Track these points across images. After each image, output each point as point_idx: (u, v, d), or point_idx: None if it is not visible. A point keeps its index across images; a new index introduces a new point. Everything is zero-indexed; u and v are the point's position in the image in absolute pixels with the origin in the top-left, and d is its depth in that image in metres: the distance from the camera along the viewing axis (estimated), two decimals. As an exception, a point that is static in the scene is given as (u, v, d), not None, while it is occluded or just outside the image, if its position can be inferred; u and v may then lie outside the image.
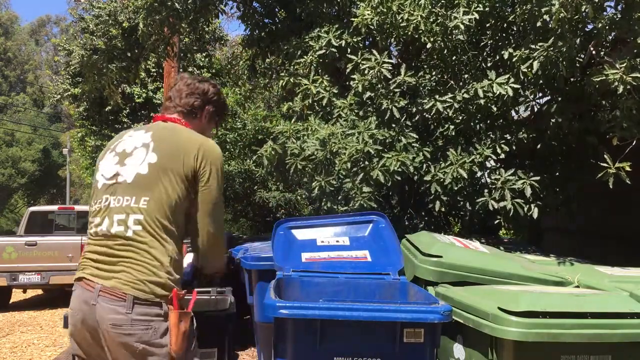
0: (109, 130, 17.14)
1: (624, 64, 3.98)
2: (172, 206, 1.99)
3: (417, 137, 4.98)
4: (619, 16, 4.27)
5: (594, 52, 4.52)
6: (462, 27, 4.69)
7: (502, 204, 4.65)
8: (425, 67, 5.51)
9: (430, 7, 4.80)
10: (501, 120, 5.19)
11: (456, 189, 4.82)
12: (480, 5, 4.83)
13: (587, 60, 4.64)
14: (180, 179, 2.02)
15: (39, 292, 10.42)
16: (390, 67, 4.95)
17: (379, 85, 5.02)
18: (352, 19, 5.29)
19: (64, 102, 18.74)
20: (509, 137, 5.05)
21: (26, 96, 48.19)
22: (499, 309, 2.62)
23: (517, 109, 5.45)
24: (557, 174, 5.21)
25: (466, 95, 4.82)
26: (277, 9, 6.91)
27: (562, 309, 2.63)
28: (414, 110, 5.15)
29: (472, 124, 5.06)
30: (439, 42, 4.92)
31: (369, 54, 5.09)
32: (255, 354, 5.07)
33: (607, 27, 4.21)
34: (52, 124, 45.86)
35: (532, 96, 5.23)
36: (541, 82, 4.85)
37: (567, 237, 7.57)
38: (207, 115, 2.29)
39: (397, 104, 4.94)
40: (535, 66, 4.43)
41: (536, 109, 5.41)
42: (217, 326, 3.52)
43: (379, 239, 3.70)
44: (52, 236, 9.27)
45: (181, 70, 12.84)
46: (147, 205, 1.97)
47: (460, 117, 5.06)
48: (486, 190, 4.92)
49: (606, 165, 4.01)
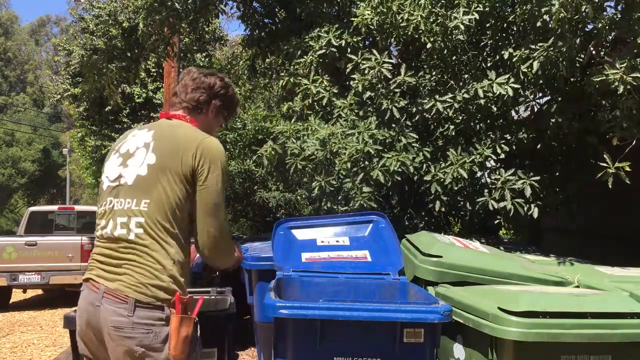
0: (109, 130, 17.16)
1: (624, 64, 3.98)
2: (173, 207, 1.95)
3: (417, 137, 4.98)
4: (619, 16, 4.27)
5: (594, 52, 4.52)
6: (462, 27, 4.69)
7: (502, 204, 4.65)
8: (425, 67, 5.51)
9: (430, 7, 4.80)
10: (501, 120, 5.19)
11: (456, 189, 4.81)
12: (480, 5, 4.83)
13: (587, 60, 4.64)
14: (179, 178, 1.96)
15: (39, 292, 10.42)
16: (390, 67, 4.95)
17: (379, 85, 5.02)
18: (352, 19, 5.29)
19: (64, 102, 18.75)
20: (509, 137, 5.06)
21: (26, 96, 48.19)
22: (499, 309, 2.62)
23: (517, 109, 5.44)
24: (557, 174, 5.21)
25: (466, 95, 4.83)
26: (277, 9, 6.91)
27: (562, 309, 2.63)
28: (414, 110, 5.15)
29: (472, 124, 5.06)
30: (439, 42, 4.92)
31: (369, 54, 5.08)
32: (255, 354, 5.07)
33: (607, 27, 4.21)
34: (52, 124, 45.86)
35: (532, 96, 5.23)
36: (541, 82, 4.85)
37: (567, 237, 7.57)
38: (213, 110, 2.21)
39: (397, 104, 4.95)
40: (535, 66, 4.43)
41: (536, 109, 5.41)
42: (217, 326, 3.51)
43: (379, 239, 3.70)
44: (52, 236, 9.27)
45: (181, 70, 12.83)
46: (148, 207, 1.94)
47: (460, 117, 5.06)
48: (486, 190, 4.92)
49: (606, 165, 4.01)
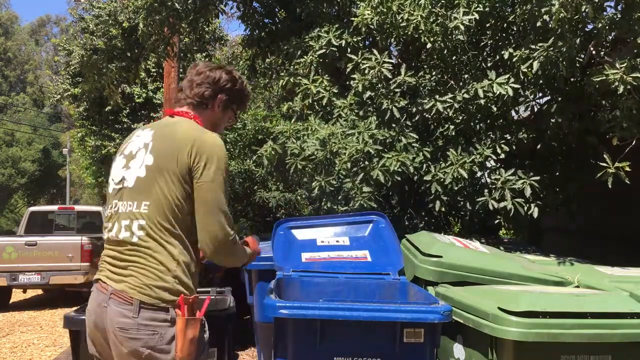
0: (109, 130, 17.17)
1: (624, 64, 3.99)
2: (173, 208, 1.92)
3: (417, 137, 4.98)
4: (619, 16, 4.27)
5: (594, 52, 4.52)
6: (462, 27, 4.69)
7: (502, 204, 4.65)
8: (425, 67, 5.51)
9: (430, 7, 4.80)
10: (501, 120, 5.19)
11: (456, 189, 4.82)
12: (480, 5, 4.83)
13: (587, 60, 4.64)
14: (176, 178, 1.92)
15: (39, 292, 10.40)
16: (390, 67, 4.95)
17: (379, 85, 5.02)
18: (352, 19, 5.29)
19: (64, 102, 18.77)
20: (509, 137, 5.06)
21: (26, 96, 48.18)
22: (499, 309, 2.62)
23: (517, 109, 5.45)
24: (557, 174, 5.21)
25: (466, 95, 4.83)
26: (277, 9, 6.91)
27: (562, 309, 2.63)
28: (414, 110, 5.15)
29: (472, 124, 5.07)
30: (439, 42, 4.92)
31: (369, 54, 5.09)
32: (255, 354, 5.07)
33: (607, 27, 4.21)
34: (52, 124, 45.85)
35: (532, 96, 5.23)
36: (541, 82, 4.85)
37: (567, 237, 7.57)
38: (220, 104, 2.13)
39: (397, 103, 4.95)
40: (535, 66, 4.44)
41: (536, 109, 5.41)
42: (217, 326, 3.50)
43: (379, 239, 3.70)
44: (52, 236, 9.25)
45: (181, 70, 12.82)
46: (148, 209, 1.93)
47: (460, 117, 5.06)
48: (486, 190, 4.92)
49: (606, 165, 4.01)
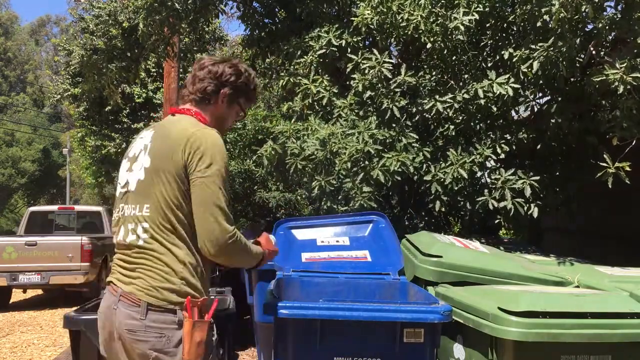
0: (109, 130, 17.17)
1: (624, 64, 3.99)
2: (173, 209, 1.89)
3: (417, 137, 4.98)
4: (619, 16, 4.27)
5: (594, 52, 4.52)
6: (462, 27, 4.69)
7: (502, 204, 4.65)
8: (425, 67, 5.51)
9: (430, 7, 4.80)
10: (501, 120, 5.19)
11: (456, 189, 4.82)
12: (480, 5, 4.83)
13: (587, 60, 4.64)
14: (172, 178, 1.88)
15: (39, 292, 10.40)
16: (390, 66, 4.95)
17: (380, 84, 5.02)
18: (352, 19, 5.29)
19: (64, 102, 18.77)
20: (509, 137, 5.06)
21: (26, 96, 48.18)
22: (499, 309, 2.62)
23: (517, 109, 5.45)
24: (557, 174, 5.21)
25: (466, 95, 4.83)
26: (277, 9, 6.91)
27: (562, 309, 2.63)
28: (414, 110, 5.15)
29: (472, 124, 5.07)
30: (439, 42, 4.92)
31: (370, 54, 5.09)
32: (255, 354, 5.07)
33: (607, 27, 4.21)
34: (52, 124, 45.84)
35: (532, 96, 5.23)
36: (541, 82, 4.85)
37: (567, 237, 7.57)
38: (224, 99, 2.06)
39: (397, 103, 4.95)
40: (535, 66, 4.44)
41: (536, 109, 5.41)
42: (217, 326, 3.51)
43: (379, 239, 3.70)
44: (52, 236, 9.26)
45: (181, 70, 12.82)
46: (150, 212, 1.91)
47: (460, 117, 5.06)
48: (486, 190, 4.92)
49: (606, 165, 4.01)
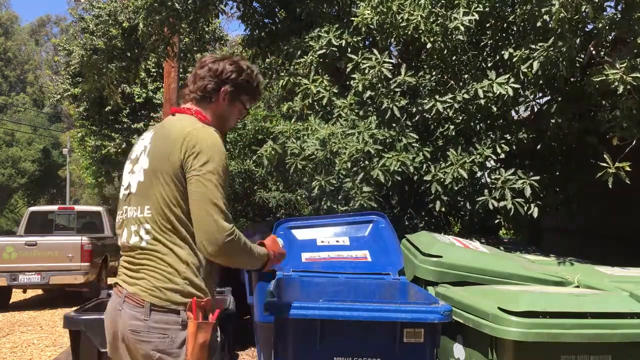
0: (109, 130, 17.17)
1: (624, 64, 3.99)
2: (172, 210, 1.88)
3: (417, 137, 4.98)
4: (619, 16, 4.27)
5: (594, 52, 4.52)
6: (462, 27, 4.69)
7: (502, 203, 4.65)
8: (425, 67, 5.51)
9: (430, 7, 4.80)
10: (501, 120, 5.19)
11: (456, 189, 4.82)
12: (480, 5, 4.83)
13: (587, 60, 4.64)
14: (170, 178, 1.87)
15: (39, 292, 10.40)
16: (390, 66, 4.95)
17: (380, 84, 5.02)
18: (352, 19, 5.29)
19: (64, 102, 18.77)
20: (509, 137, 5.06)
21: (26, 96, 48.16)
22: (499, 309, 2.62)
23: (517, 109, 5.45)
24: (557, 174, 5.21)
25: (466, 95, 4.83)
26: (277, 9, 6.91)
27: (562, 309, 2.63)
28: (414, 110, 5.15)
29: (472, 124, 5.07)
30: (439, 42, 4.92)
31: (370, 54, 5.09)
32: (255, 354, 5.07)
33: (607, 27, 4.22)
34: (52, 124, 45.83)
35: (532, 96, 5.23)
36: (541, 82, 4.85)
37: (567, 237, 7.57)
38: (225, 96, 2.03)
39: (397, 103, 4.95)
40: (535, 66, 4.44)
41: (536, 109, 5.41)
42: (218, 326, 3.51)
43: (379, 239, 3.70)
44: (52, 236, 9.26)
45: (181, 70, 12.82)
46: (151, 213, 1.91)
47: (460, 117, 5.06)
48: (486, 189, 4.92)
49: (606, 165, 4.01)
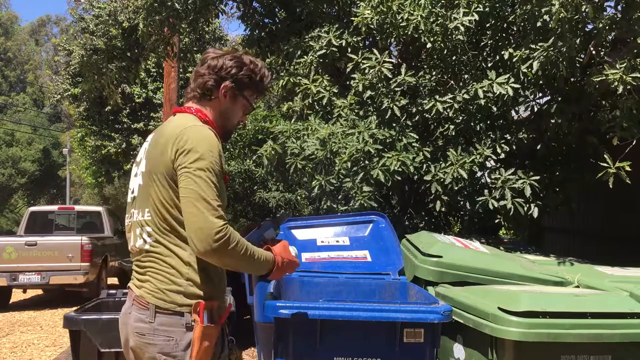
0: (109, 130, 17.16)
1: (624, 64, 3.98)
2: (170, 211, 1.86)
3: (417, 137, 4.98)
4: (619, 16, 4.27)
5: (594, 52, 4.52)
6: (462, 28, 4.69)
7: (502, 203, 4.65)
8: (425, 67, 5.51)
9: (430, 7, 4.81)
10: (501, 120, 5.19)
11: (456, 189, 4.82)
12: (480, 5, 4.83)
13: (587, 60, 4.64)
14: (164, 179, 1.84)
15: (39, 292, 10.40)
16: (390, 66, 4.95)
17: (380, 84, 5.02)
18: (352, 19, 5.30)
19: (64, 102, 18.77)
20: (509, 137, 5.06)
21: (26, 96, 48.13)
22: (499, 309, 2.62)
23: (517, 109, 5.45)
24: (557, 174, 5.21)
25: (466, 95, 4.83)
26: (277, 9, 6.91)
27: (562, 309, 2.63)
28: (414, 110, 5.16)
29: (472, 124, 5.07)
30: (439, 42, 4.92)
31: (370, 54, 5.09)
32: (255, 354, 5.07)
33: (607, 27, 4.21)
34: (52, 124, 45.81)
35: (532, 96, 5.23)
36: (541, 82, 4.85)
37: (567, 237, 7.57)
38: (226, 93, 1.97)
39: (397, 103, 4.95)
40: (535, 66, 4.44)
41: (536, 109, 5.41)
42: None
43: (379, 239, 3.70)
44: (52, 236, 9.25)
45: (181, 70, 12.82)
46: (150, 216, 1.91)
47: (460, 117, 5.06)
48: (486, 190, 4.92)
49: (606, 165, 4.01)
